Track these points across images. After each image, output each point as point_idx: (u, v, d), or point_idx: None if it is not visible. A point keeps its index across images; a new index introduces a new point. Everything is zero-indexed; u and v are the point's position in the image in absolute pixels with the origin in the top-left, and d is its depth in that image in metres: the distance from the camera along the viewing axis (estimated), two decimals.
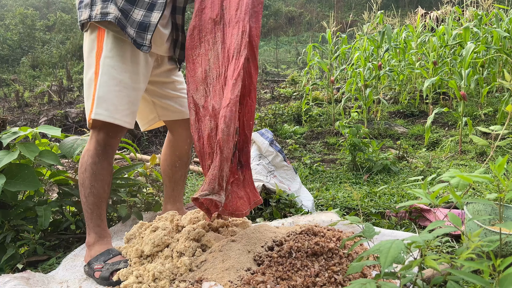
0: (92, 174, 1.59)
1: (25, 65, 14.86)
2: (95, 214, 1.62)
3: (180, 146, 1.97)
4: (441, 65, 4.82)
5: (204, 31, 1.57)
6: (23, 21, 17.43)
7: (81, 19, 1.61)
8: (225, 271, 1.38)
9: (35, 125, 5.76)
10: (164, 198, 2.06)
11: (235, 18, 1.43)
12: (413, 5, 17.79)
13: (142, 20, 1.57)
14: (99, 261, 1.56)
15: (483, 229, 1.40)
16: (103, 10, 1.54)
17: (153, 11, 1.60)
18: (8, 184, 1.64)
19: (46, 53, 16.03)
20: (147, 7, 1.59)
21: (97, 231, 1.63)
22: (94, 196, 1.60)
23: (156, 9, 1.60)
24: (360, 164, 3.26)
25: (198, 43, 1.58)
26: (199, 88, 1.53)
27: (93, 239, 1.62)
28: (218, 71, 1.50)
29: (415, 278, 0.99)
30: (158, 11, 1.60)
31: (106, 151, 1.61)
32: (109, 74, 1.55)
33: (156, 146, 4.61)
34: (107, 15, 1.53)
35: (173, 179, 2.00)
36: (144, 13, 1.59)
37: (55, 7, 24.06)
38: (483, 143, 1.19)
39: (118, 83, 1.56)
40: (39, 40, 17.47)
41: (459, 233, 1.77)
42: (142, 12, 1.59)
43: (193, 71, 1.57)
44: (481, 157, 3.48)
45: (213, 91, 1.49)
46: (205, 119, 1.50)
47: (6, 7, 22.14)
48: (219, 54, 1.49)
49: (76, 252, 1.75)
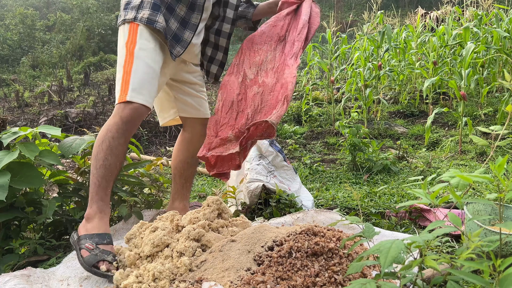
0: (108, 147, 1.63)
1: (25, 65, 14.86)
2: (102, 187, 1.63)
3: (194, 143, 2.05)
4: (441, 65, 4.82)
5: (270, 38, 1.98)
6: (23, 21, 17.43)
7: (126, 18, 1.74)
8: (225, 271, 1.38)
9: (35, 125, 5.76)
10: (171, 195, 2.10)
11: (296, 38, 1.93)
12: (413, 5, 17.79)
13: (176, 32, 1.78)
14: (92, 240, 1.55)
15: (483, 229, 1.40)
16: (151, 17, 1.70)
17: (186, 28, 1.81)
18: (11, 182, 1.64)
19: (46, 53, 16.03)
20: (179, 21, 1.80)
21: (99, 205, 1.63)
22: (105, 169, 1.62)
23: (188, 27, 1.81)
24: (360, 164, 3.26)
25: (263, 43, 1.97)
26: (252, 67, 1.92)
27: (93, 212, 1.62)
28: (272, 65, 1.91)
29: (415, 278, 0.99)
30: (190, 31, 1.81)
31: (127, 129, 1.66)
32: (144, 62, 1.70)
33: (156, 146, 4.61)
34: (155, 23, 1.70)
35: (183, 176, 2.07)
36: (178, 26, 1.79)
37: (55, 7, 24.07)
38: (483, 143, 1.19)
39: (152, 72, 1.72)
40: (39, 40, 17.47)
41: (459, 233, 1.77)
42: (176, 24, 1.79)
43: (253, 56, 1.94)
44: (481, 157, 3.48)
45: (265, 74, 1.90)
46: (251, 87, 1.87)
47: (6, 7, 22.15)
48: (276, 57, 1.93)
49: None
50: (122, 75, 1.69)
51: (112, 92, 9.01)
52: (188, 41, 1.80)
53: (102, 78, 13.58)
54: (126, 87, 1.66)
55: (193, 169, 2.11)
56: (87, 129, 5.25)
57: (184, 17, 1.80)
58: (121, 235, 1.91)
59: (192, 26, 1.82)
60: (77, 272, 1.58)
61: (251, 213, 2.22)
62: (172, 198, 2.09)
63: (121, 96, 1.66)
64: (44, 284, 1.49)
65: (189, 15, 1.81)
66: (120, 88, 1.68)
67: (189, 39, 1.80)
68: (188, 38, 1.80)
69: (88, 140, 1.97)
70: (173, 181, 2.10)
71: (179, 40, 1.78)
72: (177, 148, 2.10)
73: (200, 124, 2.06)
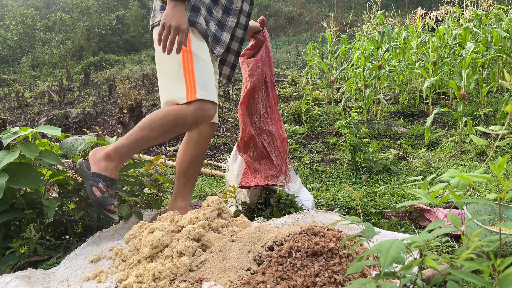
0: (168, 130, 1.78)
1: (25, 65, 14.86)
2: (139, 146, 1.78)
3: (201, 144, 2.07)
4: (441, 65, 4.82)
5: (259, 84, 2.31)
6: (23, 21, 17.43)
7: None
8: (225, 271, 1.38)
9: (35, 125, 5.76)
10: (174, 193, 2.11)
11: (272, 78, 2.35)
12: (413, 5, 17.80)
13: (215, 33, 1.88)
14: (105, 182, 1.67)
15: (483, 229, 1.40)
16: (192, 18, 1.76)
17: (223, 30, 1.91)
18: (10, 182, 1.64)
19: (46, 53, 16.03)
20: (217, 23, 1.89)
21: (122, 154, 1.75)
22: (149, 141, 1.78)
23: (226, 30, 1.92)
24: (360, 164, 3.26)
25: (259, 91, 2.31)
26: (256, 116, 2.31)
27: (115, 156, 1.73)
28: (266, 110, 2.36)
29: (415, 278, 0.99)
30: (227, 33, 1.92)
31: (197, 126, 1.83)
32: (204, 60, 1.79)
33: (156, 146, 4.61)
34: (196, 24, 1.77)
35: (187, 175, 2.09)
36: (216, 28, 1.88)
37: (55, 7, 24.07)
38: (483, 143, 1.19)
39: (211, 69, 1.82)
40: (39, 40, 17.47)
41: (459, 233, 1.77)
42: (215, 26, 1.88)
43: (255, 105, 2.31)
44: (481, 157, 3.48)
45: (265, 120, 2.34)
46: (262, 135, 2.32)
47: (6, 7, 22.15)
48: (267, 102, 2.36)
49: (77, 251, 1.75)
50: (184, 74, 1.74)
51: (112, 92, 9.02)
52: (226, 42, 1.91)
53: (102, 78, 13.58)
54: (193, 86, 1.73)
55: (197, 168, 2.13)
56: (87, 129, 5.26)
57: (221, 20, 1.91)
58: (121, 235, 1.91)
59: (229, 28, 1.93)
60: (77, 273, 1.58)
61: (251, 213, 2.22)
62: (174, 197, 2.10)
63: (189, 95, 1.73)
64: (45, 285, 1.49)
65: (225, 19, 1.92)
66: (185, 87, 1.74)
67: (227, 41, 1.92)
68: (226, 39, 1.91)
69: (89, 140, 1.97)
70: (177, 179, 2.11)
71: (219, 41, 1.89)
72: (183, 147, 2.12)
73: (208, 126, 2.07)
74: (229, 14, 1.92)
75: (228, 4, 1.92)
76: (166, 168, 3.59)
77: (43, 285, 1.48)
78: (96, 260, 1.65)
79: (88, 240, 1.82)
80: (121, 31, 23.25)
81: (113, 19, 22.94)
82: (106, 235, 1.87)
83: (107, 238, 1.86)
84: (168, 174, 3.46)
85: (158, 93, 7.32)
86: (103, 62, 17.54)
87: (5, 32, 16.91)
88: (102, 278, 1.52)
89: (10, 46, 16.33)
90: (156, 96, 7.81)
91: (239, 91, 8.38)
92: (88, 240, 1.82)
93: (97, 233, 1.86)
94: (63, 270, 1.60)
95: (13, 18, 17.99)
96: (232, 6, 1.92)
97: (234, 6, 1.92)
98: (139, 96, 4.79)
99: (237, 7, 1.94)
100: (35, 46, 16.82)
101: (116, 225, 2.00)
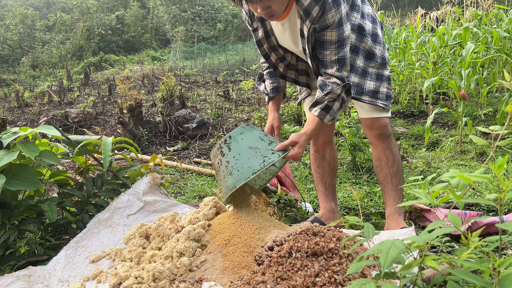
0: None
1: (25, 65, 14.87)
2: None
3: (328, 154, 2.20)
4: (441, 65, 4.81)
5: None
6: (23, 21, 17.43)
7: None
8: (225, 271, 1.38)
9: (35, 125, 5.76)
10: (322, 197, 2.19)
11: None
12: (413, 5, 17.78)
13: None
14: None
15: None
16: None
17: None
18: (8, 184, 1.63)
19: (46, 53, 16.03)
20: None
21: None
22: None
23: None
24: (360, 164, 3.26)
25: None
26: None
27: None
28: None
29: (415, 278, 0.99)
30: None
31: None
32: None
33: (156, 146, 4.61)
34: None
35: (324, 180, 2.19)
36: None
37: (55, 7, 24.07)
38: (483, 143, 1.19)
39: None
40: (39, 40, 17.47)
41: (459, 233, 1.77)
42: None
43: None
44: (481, 157, 3.48)
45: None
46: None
47: (6, 7, 22.15)
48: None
49: (77, 238, 1.73)
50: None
51: (112, 92, 9.01)
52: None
53: (102, 78, 13.59)
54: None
55: (333, 175, 2.20)
56: (87, 129, 5.25)
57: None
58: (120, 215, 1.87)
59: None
60: (77, 272, 1.58)
61: None
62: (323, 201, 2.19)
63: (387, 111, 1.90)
64: (45, 284, 1.49)
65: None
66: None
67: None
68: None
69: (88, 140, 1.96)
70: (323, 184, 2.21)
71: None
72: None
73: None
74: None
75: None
76: (167, 168, 3.59)
77: (44, 283, 1.48)
78: (97, 260, 1.65)
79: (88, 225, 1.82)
80: (121, 31, 23.25)
81: (113, 19, 22.93)
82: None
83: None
84: (168, 174, 3.46)
85: (157, 93, 7.31)
86: (103, 62, 17.54)
87: (5, 32, 16.91)
88: (102, 278, 1.52)
89: (10, 46, 16.33)
90: (156, 96, 7.80)
91: (239, 91, 8.38)
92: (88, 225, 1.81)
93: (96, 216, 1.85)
94: (63, 265, 1.59)
95: (13, 18, 17.99)
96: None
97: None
98: (139, 96, 4.79)
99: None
100: (35, 46, 16.82)
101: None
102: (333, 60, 1.69)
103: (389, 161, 1.94)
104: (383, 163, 1.95)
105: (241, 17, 27.19)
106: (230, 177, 1.57)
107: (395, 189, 1.94)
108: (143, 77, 11.63)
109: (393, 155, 1.95)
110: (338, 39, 1.66)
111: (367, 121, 1.94)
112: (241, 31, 26.04)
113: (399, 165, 1.97)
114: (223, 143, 1.64)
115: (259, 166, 1.54)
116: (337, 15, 1.62)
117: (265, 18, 1.73)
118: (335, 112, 1.71)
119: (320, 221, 2.01)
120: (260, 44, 1.89)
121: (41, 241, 1.81)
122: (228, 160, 1.60)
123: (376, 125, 1.91)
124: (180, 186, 3.10)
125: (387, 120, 1.92)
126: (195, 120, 5.03)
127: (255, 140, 1.62)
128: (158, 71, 12.95)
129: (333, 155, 2.19)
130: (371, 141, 1.99)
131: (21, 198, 1.87)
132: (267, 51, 1.90)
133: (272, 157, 1.56)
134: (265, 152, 1.58)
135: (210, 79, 11.45)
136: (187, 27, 25.02)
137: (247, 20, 1.88)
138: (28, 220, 1.81)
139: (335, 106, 1.70)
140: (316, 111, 1.70)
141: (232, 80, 10.98)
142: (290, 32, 1.78)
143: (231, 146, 1.62)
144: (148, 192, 1.96)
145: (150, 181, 1.98)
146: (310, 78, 2.05)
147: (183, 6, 27.15)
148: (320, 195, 2.18)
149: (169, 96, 5.53)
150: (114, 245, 1.74)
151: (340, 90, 1.68)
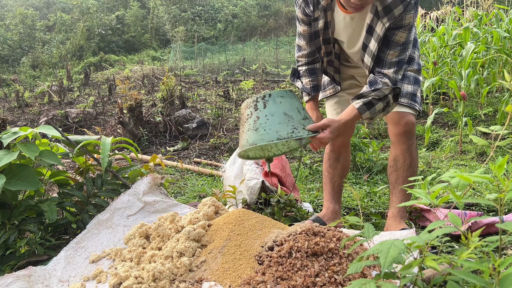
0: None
1: (25, 65, 14.87)
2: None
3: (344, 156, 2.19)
4: (441, 65, 4.81)
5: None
6: (23, 21, 17.43)
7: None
8: (225, 271, 1.38)
9: (35, 125, 5.76)
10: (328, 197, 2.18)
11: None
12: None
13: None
14: None
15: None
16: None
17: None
18: (8, 184, 1.63)
19: (46, 53, 16.03)
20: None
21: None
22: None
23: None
24: (360, 164, 3.26)
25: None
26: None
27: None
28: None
29: (415, 278, 0.99)
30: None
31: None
32: None
33: (156, 146, 4.61)
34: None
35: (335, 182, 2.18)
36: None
37: (55, 7, 24.08)
38: (483, 143, 1.19)
39: None
40: (39, 40, 17.47)
41: (459, 233, 1.77)
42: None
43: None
44: (481, 157, 3.48)
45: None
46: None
47: (6, 7, 22.16)
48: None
49: (77, 239, 1.74)
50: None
51: (112, 92, 9.02)
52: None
53: (102, 78, 13.59)
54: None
55: (343, 176, 2.18)
56: (87, 129, 5.25)
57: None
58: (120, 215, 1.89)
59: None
60: (77, 272, 1.58)
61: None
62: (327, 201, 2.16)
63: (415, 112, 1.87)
64: (45, 284, 1.49)
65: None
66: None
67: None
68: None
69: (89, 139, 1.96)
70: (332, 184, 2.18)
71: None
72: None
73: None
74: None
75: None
76: (167, 168, 3.59)
77: (44, 283, 1.48)
78: (97, 260, 1.65)
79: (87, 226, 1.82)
80: (121, 31, 23.26)
81: (113, 19, 22.94)
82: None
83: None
84: (169, 174, 3.46)
85: (157, 93, 7.31)
86: (103, 62, 17.54)
87: (5, 32, 16.91)
88: (102, 278, 1.52)
89: (10, 46, 16.33)
90: (156, 96, 7.80)
91: (239, 91, 8.38)
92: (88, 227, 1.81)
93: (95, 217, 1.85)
94: (64, 265, 1.59)
95: (13, 18, 18.00)
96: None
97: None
98: (139, 96, 4.79)
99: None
100: (35, 46, 16.82)
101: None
102: (393, 61, 1.66)
103: (405, 164, 1.89)
104: (399, 165, 1.90)
105: (241, 17, 27.28)
106: (254, 132, 1.54)
107: (404, 192, 1.90)
108: (143, 77, 11.63)
109: (412, 159, 1.89)
110: (405, 41, 1.64)
111: (394, 115, 1.87)
112: (241, 31, 26.05)
113: (415, 169, 1.92)
114: (261, 98, 1.59)
115: (287, 135, 1.50)
116: (413, 17, 1.60)
117: (327, 9, 1.71)
118: (376, 112, 1.67)
119: (321, 220, 2.01)
120: (316, 35, 1.82)
121: (41, 241, 1.80)
122: (259, 116, 1.56)
123: (403, 121, 1.85)
124: (180, 186, 3.10)
125: (414, 119, 1.87)
126: (195, 120, 5.03)
127: (292, 109, 1.58)
128: (158, 71, 12.95)
129: (347, 158, 2.17)
130: (393, 139, 1.92)
131: (21, 198, 1.87)
132: (321, 43, 1.85)
133: (302, 132, 1.53)
134: (297, 124, 1.55)
135: (210, 79, 11.45)
136: (187, 27, 25.02)
137: (307, 9, 1.76)
138: (28, 220, 1.81)
139: (378, 105, 1.66)
140: (357, 104, 1.66)
141: (232, 80, 10.98)
142: (355, 26, 1.72)
143: (267, 104, 1.57)
144: (148, 193, 1.96)
145: (150, 181, 1.98)
146: (341, 77, 2.05)
147: (183, 6, 27.15)
148: (326, 195, 2.16)
149: (169, 96, 5.53)
150: (114, 245, 1.74)
151: (389, 91, 1.65)
